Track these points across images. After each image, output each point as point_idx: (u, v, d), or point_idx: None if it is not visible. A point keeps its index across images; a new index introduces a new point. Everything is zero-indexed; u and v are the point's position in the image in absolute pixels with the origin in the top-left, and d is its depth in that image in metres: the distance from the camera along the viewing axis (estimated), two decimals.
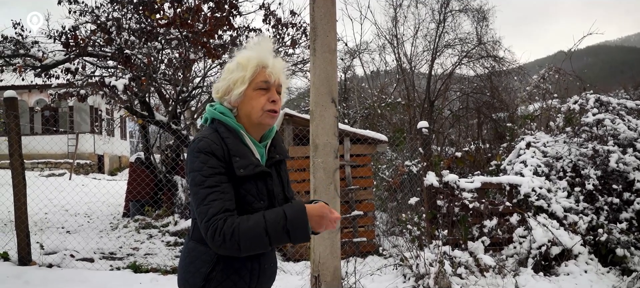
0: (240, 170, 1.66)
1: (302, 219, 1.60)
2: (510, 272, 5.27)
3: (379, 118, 14.58)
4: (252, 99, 1.74)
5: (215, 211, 1.58)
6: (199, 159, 1.64)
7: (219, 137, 1.70)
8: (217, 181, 1.63)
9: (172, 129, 8.94)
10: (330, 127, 4.24)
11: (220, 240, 1.56)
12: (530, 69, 16.78)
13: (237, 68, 1.76)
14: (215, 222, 1.57)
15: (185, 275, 1.76)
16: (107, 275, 5.44)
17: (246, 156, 1.71)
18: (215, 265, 1.70)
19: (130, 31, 7.85)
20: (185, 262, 1.78)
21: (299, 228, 1.60)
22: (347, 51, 16.67)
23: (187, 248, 1.79)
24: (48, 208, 9.60)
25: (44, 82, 9.31)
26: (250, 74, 1.74)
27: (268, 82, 1.75)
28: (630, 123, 6.65)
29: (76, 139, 20.62)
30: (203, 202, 1.60)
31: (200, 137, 1.69)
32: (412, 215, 7.03)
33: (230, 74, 1.77)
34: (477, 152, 10.28)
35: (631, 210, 5.90)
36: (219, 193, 1.61)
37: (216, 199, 1.60)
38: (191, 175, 1.65)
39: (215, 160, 1.65)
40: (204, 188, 1.61)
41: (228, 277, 1.71)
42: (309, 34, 4.39)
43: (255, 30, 9.48)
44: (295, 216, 1.60)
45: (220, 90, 1.79)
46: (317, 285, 4.36)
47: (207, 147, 1.65)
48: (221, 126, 1.74)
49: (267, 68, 1.75)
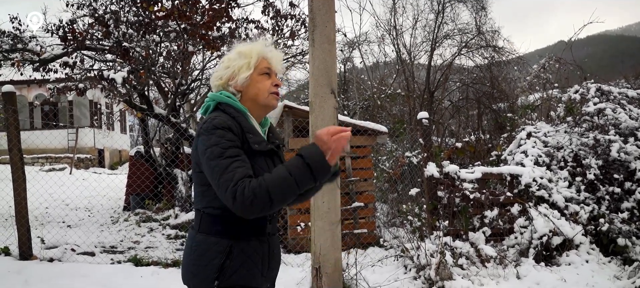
0: (255, 145, 1.72)
1: (317, 152, 1.63)
2: (511, 262, 5.26)
3: (379, 109, 14.55)
4: (258, 82, 1.84)
5: (241, 175, 1.61)
6: (215, 134, 1.67)
7: (229, 116, 1.75)
8: (237, 152, 1.67)
9: (172, 121, 8.92)
10: (330, 118, 4.22)
11: (251, 196, 1.56)
12: (530, 59, 16.73)
13: (240, 56, 1.85)
14: (242, 184, 1.59)
15: (194, 269, 1.74)
16: (108, 269, 5.44)
17: (257, 133, 1.78)
18: (229, 255, 1.70)
19: (128, 24, 7.81)
20: (194, 256, 1.75)
21: (318, 161, 1.61)
22: (346, 42, 16.61)
23: (195, 241, 1.76)
24: (48, 203, 9.60)
25: (43, 77, 9.27)
26: (255, 61, 1.84)
27: (270, 69, 1.86)
28: (631, 112, 6.62)
29: (76, 133, 20.59)
30: (226, 171, 1.61)
31: (214, 116, 1.74)
32: (413, 206, 7.02)
33: (233, 62, 1.85)
34: (478, 143, 10.27)
35: (632, 200, 5.89)
36: (241, 162, 1.65)
37: (239, 166, 1.63)
38: (208, 152, 1.65)
39: (232, 134, 1.69)
40: (225, 158, 1.63)
41: (242, 264, 1.72)
42: (308, 25, 4.37)
43: (254, 21, 9.43)
44: (310, 151, 1.63)
45: (224, 77, 1.85)
46: (318, 277, 4.36)
47: (223, 122, 1.69)
48: (229, 108, 1.79)
49: (268, 58, 1.87)
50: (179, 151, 9.76)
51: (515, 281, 4.93)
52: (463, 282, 4.65)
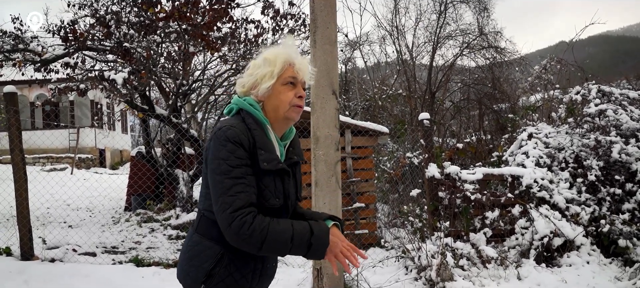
0: (264, 163, 1.66)
1: (325, 241, 1.63)
2: (512, 263, 5.26)
3: (380, 110, 14.55)
4: (281, 93, 1.75)
5: (241, 204, 1.58)
6: (226, 148, 1.63)
7: (246, 128, 1.70)
8: (243, 172, 1.63)
9: (173, 122, 8.92)
10: (331, 119, 4.23)
11: (247, 235, 1.56)
12: (531, 60, 16.71)
13: (265, 63, 1.77)
14: (243, 215, 1.57)
15: (187, 268, 1.75)
16: (109, 269, 5.45)
17: (271, 150, 1.71)
18: (219, 262, 1.70)
19: (129, 24, 7.81)
20: (188, 255, 1.76)
21: (318, 247, 1.62)
22: (347, 43, 16.61)
23: (191, 241, 1.77)
24: (50, 203, 9.62)
25: (44, 77, 9.29)
26: (279, 69, 1.75)
27: (295, 78, 1.77)
28: (633, 113, 6.61)
29: (77, 133, 20.61)
30: (228, 193, 1.59)
31: (229, 125, 1.68)
32: (414, 207, 7.02)
33: (257, 69, 1.78)
34: (479, 144, 10.26)
35: (634, 201, 5.88)
36: (245, 186, 1.61)
37: (242, 191, 1.60)
38: (216, 163, 1.63)
39: (242, 150, 1.64)
40: (230, 178, 1.60)
41: (230, 274, 1.71)
42: (309, 26, 4.37)
43: (254, 22, 9.44)
44: (320, 236, 1.62)
45: (246, 85, 1.79)
46: (319, 278, 4.36)
47: (236, 136, 1.64)
48: (249, 117, 1.73)
49: (294, 65, 1.77)
50: (180, 151, 9.77)
51: (516, 282, 4.93)
52: (464, 283, 4.65)
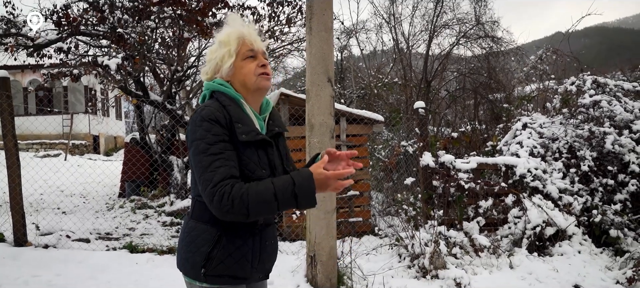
0: (242, 135, 1.68)
1: (310, 186, 1.61)
2: (504, 252, 5.30)
3: (376, 98, 14.54)
4: (243, 68, 1.79)
5: (221, 177, 1.59)
6: (202, 127, 1.65)
7: (220, 105, 1.71)
8: (222, 148, 1.63)
9: (167, 108, 8.88)
10: (326, 106, 4.22)
11: (229, 205, 1.56)
12: (528, 50, 16.71)
13: (220, 46, 1.81)
14: (222, 187, 1.57)
15: (186, 255, 1.76)
16: (103, 256, 5.44)
17: (248, 123, 1.73)
18: (216, 244, 1.70)
19: (123, 9, 7.72)
20: (186, 241, 1.77)
21: (306, 195, 1.61)
22: (343, 30, 16.54)
23: (188, 227, 1.79)
24: (43, 189, 9.57)
25: (37, 62, 9.20)
26: (235, 46, 1.79)
27: (253, 50, 1.80)
28: (626, 105, 6.63)
29: (71, 119, 20.48)
30: (207, 169, 1.60)
31: (202, 107, 1.71)
32: (408, 195, 7.04)
33: (214, 54, 1.82)
34: (474, 133, 10.28)
35: (625, 192, 5.93)
36: (224, 160, 1.62)
37: (221, 166, 1.61)
38: (194, 144, 1.65)
39: (219, 127, 1.65)
40: (208, 155, 1.61)
41: (230, 254, 1.71)
42: (305, 12, 4.34)
43: (250, 8, 9.36)
44: (303, 183, 1.61)
45: (209, 71, 1.83)
46: (313, 265, 4.38)
47: (210, 114, 1.66)
48: (222, 96, 1.76)
49: (246, 38, 1.80)
50: (175, 138, 9.73)
51: (508, 271, 4.97)
52: (457, 271, 4.68)
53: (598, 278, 4.81)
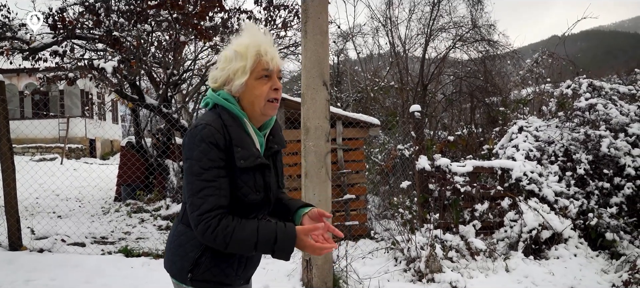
0: (241, 161, 1.63)
1: (290, 246, 1.63)
2: (500, 255, 5.30)
3: (372, 101, 14.54)
4: (255, 89, 1.69)
5: (209, 207, 1.58)
6: (199, 149, 1.60)
7: (221, 124, 1.65)
8: (215, 175, 1.60)
9: (163, 112, 8.86)
10: (322, 110, 4.21)
11: (211, 238, 1.58)
12: (524, 53, 16.74)
13: (236, 57, 1.69)
14: (209, 218, 1.57)
15: (173, 258, 1.77)
16: (98, 260, 5.42)
17: (248, 147, 1.68)
18: (204, 251, 1.70)
19: (119, 13, 7.72)
20: (174, 245, 1.78)
21: (283, 252, 1.63)
22: (340, 34, 16.55)
23: (177, 231, 1.79)
24: (39, 193, 9.51)
25: (33, 66, 9.17)
26: (252, 63, 1.68)
27: (269, 70, 1.69)
28: (622, 108, 6.66)
29: (67, 123, 20.43)
30: (197, 194, 1.59)
31: (204, 123, 1.64)
32: (404, 198, 7.04)
33: (229, 64, 1.70)
34: (470, 136, 10.30)
35: (621, 195, 5.94)
36: (215, 189, 1.60)
37: (211, 195, 1.59)
38: (189, 162, 1.63)
39: (216, 151, 1.61)
40: (201, 180, 1.59)
41: (216, 264, 1.72)
42: (301, 16, 4.34)
43: (247, 11, 9.37)
44: (284, 242, 1.62)
45: (219, 80, 1.73)
46: (308, 269, 4.37)
47: (210, 136, 1.60)
48: (225, 112, 1.69)
49: (265, 55, 1.69)
50: (171, 142, 9.72)
51: (504, 274, 4.97)
52: (452, 274, 4.68)
53: (594, 281, 4.81)
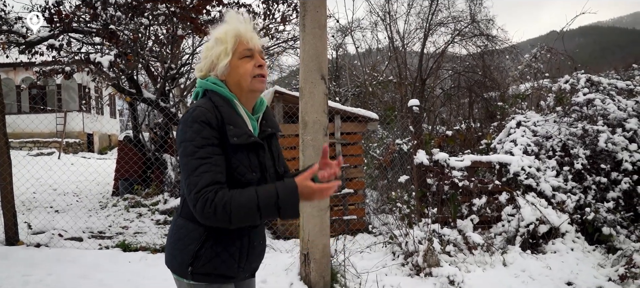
0: (233, 138, 1.64)
1: (294, 199, 1.60)
2: (498, 249, 5.31)
3: (370, 96, 14.53)
4: (239, 67, 1.73)
5: (205, 183, 1.56)
6: (192, 129, 1.62)
7: (213, 105, 1.68)
8: (209, 152, 1.61)
9: (161, 106, 8.83)
10: (320, 104, 4.20)
11: (211, 212, 1.54)
12: (522, 49, 16.71)
13: (216, 43, 1.75)
14: (206, 193, 1.55)
15: (173, 252, 1.76)
16: (96, 254, 5.41)
17: (240, 125, 1.69)
18: (204, 243, 1.69)
19: (116, 6, 7.67)
20: (174, 239, 1.77)
21: (289, 207, 1.59)
22: (338, 28, 16.52)
23: (176, 225, 1.78)
24: (36, 188, 9.51)
25: (29, 60, 9.13)
26: (232, 45, 1.73)
27: (251, 49, 1.75)
28: (620, 103, 6.65)
29: (64, 118, 20.37)
30: (193, 173, 1.58)
31: (195, 106, 1.68)
32: (402, 193, 7.04)
33: (210, 51, 1.76)
34: (468, 131, 10.29)
35: (618, 190, 5.95)
36: (211, 165, 1.59)
37: (207, 171, 1.58)
38: (183, 146, 1.63)
39: (209, 129, 1.62)
40: (195, 159, 1.59)
41: (217, 254, 1.70)
42: (299, 10, 4.32)
43: (245, 5, 9.33)
44: (287, 195, 1.59)
45: (204, 69, 1.78)
46: (306, 263, 4.37)
47: (201, 115, 1.62)
48: (215, 95, 1.72)
49: (244, 36, 1.74)
50: (168, 136, 9.69)
51: (501, 268, 4.98)
52: (450, 268, 4.68)
53: (591, 275, 4.83)
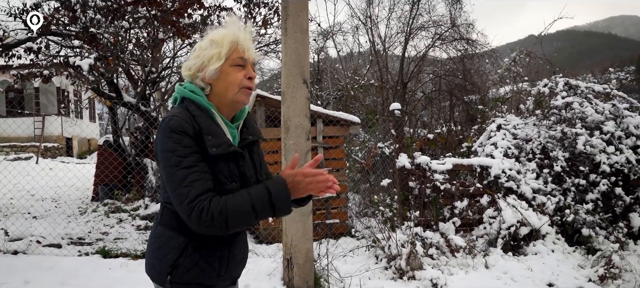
0: (212, 149, 1.60)
1: (285, 193, 1.59)
2: (480, 252, 5.36)
3: (352, 100, 14.57)
4: (229, 75, 1.69)
5: (197, 192, 1.53)
6: (171, 139, 1.57)
7: (189, 115, 1.63)
8: (195, 160, 1.57)
9: (141, 110, 8.72)
10: (302, 108, 4.19)
11: (208, 220, 1.51)
12: (502, 52, 16.97)
13: (211, 45, 1.70)
14: (199, 202, 1.52)
15: (152, 261, 1.72)
16: (75, 261, 5.32)
17: (218, 135, 1.65)
18: (183, 252, 1.66)
19: (96, 9, 7.55)
20: (153, 247, 1.73)
21: (282, 203, 1.58)
22: (320, 32, 16.55)
23: (155, 233, 1.74)
24: (13, 193, 9.30)
25: (6, 63, 8.92)
26: (227, 50, 1.68)
27: (244, 59, 1.71)
28: (597, 106, 6.79)
29: (43, 121, 19.99)
30: (182, 184, 1.54)
31: (171, 116, 1.63)
32: (385, 196, 7.06)
33: (203, 51, 1.70)
34: (449, 134, 10.38)
35: (597, 191, 6.06)
36: (199, 174, 1.56)
37: (197, 179, 1.55)
38: (164, 156, 1.58)
39: (189, 139, 1.58)
40: (182, 169, 1.55)
41: (196, 263, 1.67)
42: (281, 13, 4.31)
43: (226, 9, 9.28)
44: (279, 191, 1.58)
45: (192, 68, 1.72)
46: (289, 268, 4.35)
47: (178, 126, 1.58)
48: (191, 104, 1.68)
49: (241, 45, 1.70)
50: (149, 140, 9.58)
51: (483, 270, 5.03)
52: (433, 271, 4.71)
53: (571, 276, 4.90)
